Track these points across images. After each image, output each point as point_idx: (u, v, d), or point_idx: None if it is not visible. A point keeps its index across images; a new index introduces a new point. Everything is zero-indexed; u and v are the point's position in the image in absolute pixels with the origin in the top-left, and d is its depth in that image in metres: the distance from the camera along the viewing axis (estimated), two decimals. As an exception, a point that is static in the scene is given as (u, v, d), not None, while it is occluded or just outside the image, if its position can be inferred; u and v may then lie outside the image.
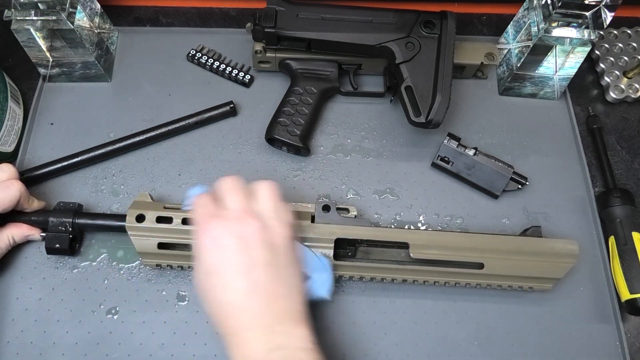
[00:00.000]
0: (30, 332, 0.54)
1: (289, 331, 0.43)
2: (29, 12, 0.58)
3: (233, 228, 0.45)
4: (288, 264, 0.46)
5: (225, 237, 0.44)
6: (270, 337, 0.42)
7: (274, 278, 0.44)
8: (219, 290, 0.44)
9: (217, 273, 0.44)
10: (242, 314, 0.43)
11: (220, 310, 0.44)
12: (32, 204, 0.55)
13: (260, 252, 0.44)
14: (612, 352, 0.56)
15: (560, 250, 0.54)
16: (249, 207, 0.46)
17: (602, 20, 0.58)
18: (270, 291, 0.44)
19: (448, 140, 0.63)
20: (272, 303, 0.43)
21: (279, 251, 0.45)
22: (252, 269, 0.44)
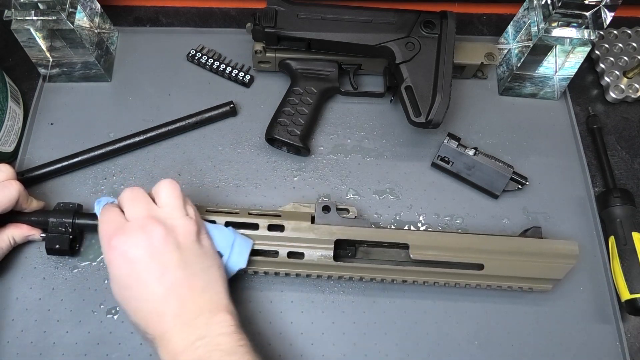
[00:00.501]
0: (30, 332, 0.54)
1: (209, 321, 0.44)
2: (29, 12, 0.58)
3: (138, 239, 0.45)
4: (199, 257, 0.47)
5: (132, 249, 0.45)
6: (191, 330, 0.43)
7: (188, 275, 0.45)
8: (137, 301, 0.45)
9: (132, 285, 0.45)
10: (162, 318, 0.44)
11: (142, 318, 0.45)
12: (31, 204, 0.55)
13: (169, 255, 0.45)
14: (612, 352, 0.56)
15: (560, 251, 0.54)
16: (150, 214, 0.47)
17: (602, 20, 0.58)
18: (185, 290, 0.45)
19: (448, 140, 0.63)
20: (188, 300, 0.45)
21: (187, 247, 0.46)
22: (164, 273, 0.45)
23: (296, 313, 0.56)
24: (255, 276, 0.57)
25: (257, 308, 0.56)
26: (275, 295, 0.57)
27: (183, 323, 0.44)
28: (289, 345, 0.55)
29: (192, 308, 0.44)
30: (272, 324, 0.56)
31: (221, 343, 0.43)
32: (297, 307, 0.56)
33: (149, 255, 0.45)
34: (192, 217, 0.48)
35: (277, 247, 0.53)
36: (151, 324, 0.44)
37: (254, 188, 0.63)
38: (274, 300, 0.57)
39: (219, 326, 0.44)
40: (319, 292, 0.57)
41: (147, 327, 0.45)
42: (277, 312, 0.56)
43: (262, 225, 0.53)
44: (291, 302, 0.57)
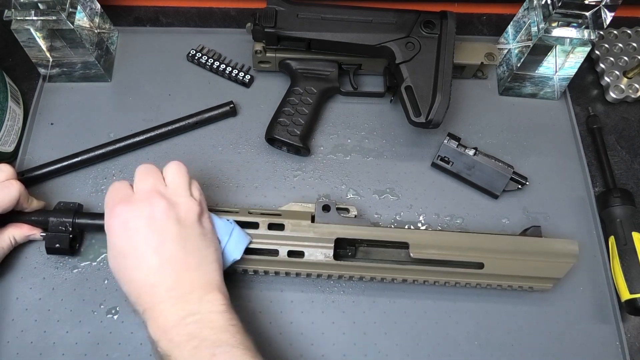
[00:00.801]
0: (30, 332, 0.54)
1: (201, 298, 0.45)
2: (29, 12, 0.58)
3: (141, 209, 0.46)
4: (198, 236, 0.47)
5: (133, 219, 0.46)
6: (183, 305, 0.44)
7: (185, 251, 0.46)
8: (132, 270, 0.46)
9: (129, 254, 0.46)
10: (155, 289, 0.45)
11: (135, 288, 0.45)
12: (32, 203, 0.55)
13: (169, 228, 0.46)
14: (612, 352, 0.56)
15: (560, 250, 0.54)
16: (156, 188, 0.48)
17: (602, 20, 0.58)
18: (181, 264, 0.45)
19: (448, 140, 0.63)
20: (183, 275, 0.45)
21: (187, 225, 0.47)
22: (161, 245, 0.45)
23: (296, 313, 0.56)
24: (256, 276, 0.57)
25: (257, 308, 0.56)
26: (275, 295, 0.57)
27: (175, 297, 0.44)
28: (289, 345, 0.55)
29: (185, 283, 0.45)
30: (272, 324, 0.55)
31: (213, 320, 0.44)
32: (297, 307, 0.56)
33: (148, 227, 0.45)
34: (196, 198, 0.49)
35: (277, 246, 0.53)
36: (143, 295, 0.45)
37: (254, 188, 0.63)
38: (274, 300, 0.57)
39: (211, 304, 0.45)
40: (319, 292, 0.57)
41: (138, 297, 0.45)
42: (277, 312, 0.56)
43: (262, 224, 0.53)
44: (291, 302, 0.57)
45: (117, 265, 0.47)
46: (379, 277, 0.55)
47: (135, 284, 0.45)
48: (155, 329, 0.44)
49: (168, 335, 0.43)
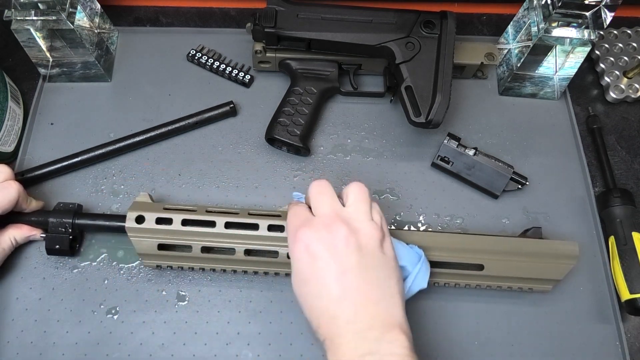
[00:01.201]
0: (30, 332, 0.54)
1: (382, 336, 0.42)
2: (29, 12, 0.58)
3: (321, 235, 0.44)
4: (379, 265, 0.45)
5: (314, 245, 0.44)
6: (361, 342, 0.41)
7: (365, 282, 0.44)
8: (313, 298, 0.44)
9: (309, 281, 0.44)
10: (334, 321, 0.43)
11: (316, 317, 0.44)
12: (31, 204, 0.55)
13: (350, 258, 0.44)
14: (612, 352, 0.56)
15: (560, 251, 0.54)
16: (336, 212, 0.46)
17: (602, 20, 0.58)
18: (361, 296, 0.43)
19: (448, 140, 0.63)
20: (363, 308, 0.43)
21: (369, 253, 0.45)
22: (342, 274, 0.43)
23: (296, 313, 0.56)
24: (256, 276, 0.57)
25: (257, 308, 0.56)
26: (275, 295, 0.57)
27: (354, 331, 0.42)
28: (289, 345, 0.55)
29: (365, 317, 0.42)
30: (272, 324, 0.56)
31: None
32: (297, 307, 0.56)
33: (330, 253, 0.44)
34: (378, 223, 0.47)
35: (277, 248, 0.53)
36: (323, 324, 0.43)
37: (254, 188, 0.63)
38: (274, 300, 0.57)
39: (392, 345, 0.42)
40: (319, 292, 0.57)
41: (319, 326, 0.44)
42: (277, 312, 0.56)
43: (262, 225, 0.53)
44: (291, 302, 0.57)
45: (299, 290, 0.45)
46: (379, 277, 0.55)
47: (316, 313, 0.44)
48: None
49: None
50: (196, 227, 0.53)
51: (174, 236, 0.53)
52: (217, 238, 0.53)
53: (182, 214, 0.53)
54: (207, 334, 0.55)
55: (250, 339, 0.55)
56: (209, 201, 0.62)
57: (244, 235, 0.53)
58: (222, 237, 0.53)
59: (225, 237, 0.53)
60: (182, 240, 0.53)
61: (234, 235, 0.53)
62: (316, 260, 0.44)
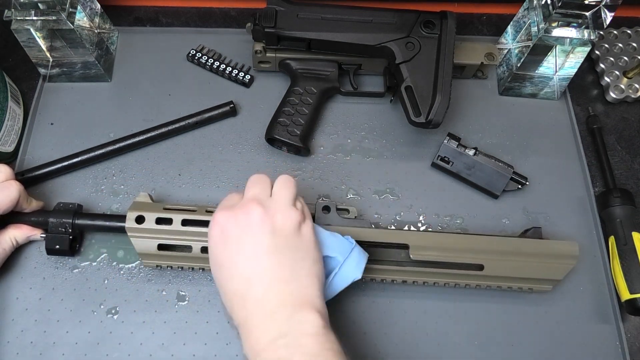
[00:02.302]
0: (30, 332, 0.54)
1: (291, 316, 0.42)
2: (29, 12, 0.58)
3: (238, 217, 0.45)
4: (294, 247, 0.45)
5: (228, 226, 0.45)
6: (271, 323, 0.42)
7: (277, 263, 0.44)
8: (226, 281, 0.45)
9: (223, 264, 0.45)
10: (244, 302, 0.43)
11: (228, 300, 0.44)
12: (31, 204, 0.55)
13: (263, 238, 0.44)
14: (612, 352, 0.56)
15: (560, 251, 0.54)
16: (257, 197, 0.46)
17: (602, 20, 0.58)
18: (271, 276, 0.43)
19: (448, 140, 0.63)
20: (272, 288, 0.43)
21: (283, 235, 0.45)
22: (254, 255, 0.44)
23: (296, 313, 0.56)
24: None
25: (257, 308, 0.56)
26: (275, 295, 0.57)
27: (264, 313, 0.42)
28: (289, 345, 0.55)
29: (273, 296, 0.42)
30: (272, 324, 0.55)
31: (305, 345, 0.40)
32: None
33: (243, 235, 0.44)
34: (298, 209, 0.47)
35: None
36: (235, 307, 0.44)
37: (254, 188, 0.63)
38: (274, 300, 0.57)
39: (302, 325, 0.41)
40: (319, 292, 0.57)
41: (232, 310, 0.44)
42: (277, 312, 0.56)
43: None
44: (291, 302, 0.57)
45: (216, 276, 0.46)
46: (379, 278, 0.55)
47: (229, 295, 0.44)
48: (248, 348, 0.42)
49: (259, 357, 0.41)
50: (196, 227, 0.53)
51: (174, 236, 0.53)
52: (217, 238, 0.53)
53: (182, 214, 0.53)
54: (207, 334, 0.55)
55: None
56: (209, 201, 0.62)
57: None
58: (222, 237, 0.53)
59: (225, 237, 0.53)
60: (182, 241, 0.53)
61: (234, 235, 0.53)
62: (229, 242, 0.44)
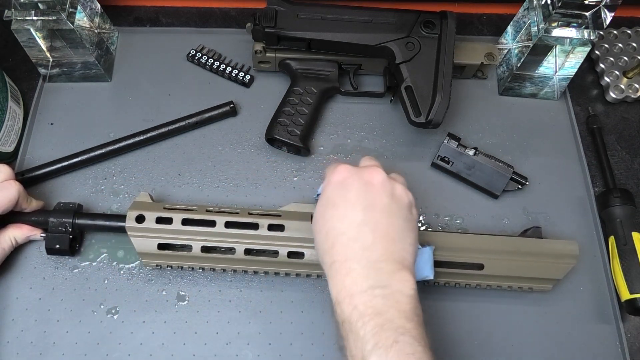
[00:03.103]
0: (30, 332, 0.54)
1: (393, 273, 0.43)
2: (29, 12, 0.58)
3: (361, 173, 0.47)
4: (404, 217, 0.46)
5: (351, 178, 0.46)
6: (373, 272, 0.42)
7: (388, 222, 0.45)
8: (335, 220, 0.45)
9: (337, 205, 0.46)
10: (352, 243, 0.44)
11: (332, 236, 0.45)
12: (31, 203, 0.55)
13: (381, 197, 0.46)
14: (612, 352, 0.56)
15: (560, 251, 0.54)
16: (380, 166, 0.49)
17: (602, 20, 0.58)
18: (382, 231, 0.44)
19: (448, 140, 0.63)
20: (381, 241, 0.44)
21: (398, 203, 0.47)
22: (370, 207, 0.45)
23: (296, 313, 0.56)
24: (255, 276, 0.57)
25: (257, 308, 0.56)
26: (275, 295, 0.57)
27: (368, 259, 0.43)
28: (289, 345, 0.55)
29: (381, 249, 0.44)
30: (272, 324, 0.56)
31: (400, 302, 0.41)
32: (297, 307, 0.56)
33: (364, 188, 0.46)
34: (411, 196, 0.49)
35: (277, 247, 0.53)
36: (338, 245, 0.44)
37: (254, 188, 0.63)
38: (274, 300, 0.57)
39: (402, 284, 0.42)
40: (319, 292, 0.57)
41: (332, 247, 0.44)
42: (277, 312, 0.56)
43: (262, 225, 0.53)
44: (291, 302, 0.57)
45: (322, 214, 0.46)
46: (379, 277, 0.55)
47: (334, 232, 0.45)
48: (340, 287, 0.42)
49: (353, 300, 0.41)
50: (196, 226, 0.53)
51: (174, 236, 0.53)
52: (217, 237, 0.53)
53: (182, 214, 0.53)
54: (207, 334, 0.55)
55: (250, 339, 0.55)
56: (209, 201, 0.62)
57: (244, 235, 0.53)
58: (222, 237, 0.53)
59: (225, 236, 0.53)
60: (182, 240, 0.53)
61: (234, 234, 0.53)
62: (349, 190, 0.46)
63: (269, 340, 0.55)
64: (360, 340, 0.39)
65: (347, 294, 0.42)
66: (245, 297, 0.56)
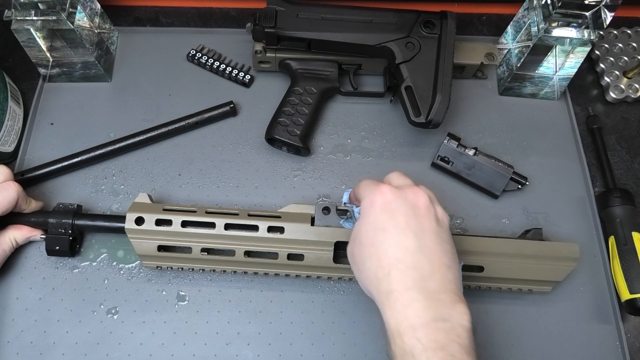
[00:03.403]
0: (30, 332, 0.54)
1: (453, 304, 0.41)
2: (29, 12, 0.58)
3: (405, 196, 0.45)
4: (449, 242, 0.45)
5: (397, 201, 0.45)
6: (434, 303, 0.41)
7: (442, 249, 0.44)
8: (388, 246, 0.43)
9: (387, 230, 0.44)
10: (411, 272, 0.42)
11: (388, 264, 0.43)
12: (30, 204, 0.55)
13: (430, 221, 0.44)
14: (612, 352, 0.56)
15: (560, 253, 0.54)
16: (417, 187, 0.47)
17: (602, 20, 0.58)
18: (436, 258, 0.43)
19: (448, 140, 0.63)
20: (439, 270, 0.43)
21: (444, 227, 0.45)
22: (421, 232, 0.44)
23: (296, 313, 0.56)
24: (256, 276, 0.57)
25: (257, 308, 0.56)
26: (275, 295, 0.57)
27: (429, 290, 0.41)
28: (289, 345, 0.55)
29: (439, 278, 0.42)
30: (272, 324, 0.56)
31: (461, 336, 0.40)
32: (297, 307, 0.56)
33: (412, 213, 0.44)
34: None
35: (277, 249, 0.53)
36: (395, 273, 0.42)
37: (254, 188, 0.63)
38: (274, 300, 0.57)
39: (460, 317, 0.41)
40: (319, 292, 0.57)
41: (388, 275, 0.42)
42: (277, 312, 0.56)
43: (262, 227, 0.53)
44: (291, 302, 0.57)
45: (372, 240, 0.44)
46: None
47: (389, 260, 0.43)
48: (401, 318, 0.41)
49: (416, 333, 0.40)
50: (196, 228, 0.53)
51: (173, 237, 0.53)
52: (216, 239, 0.53)
53: (182, 215, 0.53)
54: (207, 334, 0.55)
55: (250, 339, 0.55)
56: (209, 201, 0.62)
57: (243, 237, 0.53)
58: (221, 239, 0.53)
59: (225, 238, 0.53)
60: (181, 242, 0.53)
61: (234, 236, 0.53)
62: (397, 214, 0.44)
63: (269, 340, 0.55)
64: None
65: (409, 326, 0.40)
66: (245, 297, 0.56)
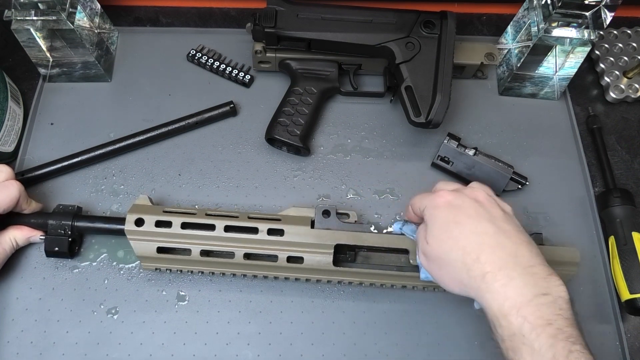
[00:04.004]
0: (30, 332, 0.54)
1: (547, 276, 0.41)
2: (29, 12, 0.58)
3: (463, 192, 0.47)
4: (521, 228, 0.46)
5: (458, 199, 0.46)
6: (531, 278, 0.41)
7: (516, 228, 0.44)
8: (469, 233, 0.44)
9: (460, 222, 0.45)
10: (498, 252, 0.42)
11: (474, 251, 0.43)
12: (31, 205, 0.55)
13: (495, 210, 0.46)
14: (612, 352, 0.56)
15: (561, 258, 0.54)
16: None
17: (602, 20, 0.58)
18: (515, 236, 0.43)
19: (448, 140, 0.63)
20: (522, 244, 0.43)
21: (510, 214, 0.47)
22: (492, 219, 0.44)
23: (296, 313, 0.56)
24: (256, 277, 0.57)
25: (257, 308, 0.56)
26: (275, 295, 0.57)
27: (521, 266, 0.41)
28: (289, 345, 0.55)
29: (527, 253, 0.42)
30: (272, 324, 0.56)
31: (564, 309, 0.40)
32: (297, 307, 0.56)
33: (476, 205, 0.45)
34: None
35: (276, 252, 0.53)
36: (484, 255, 0.42)
37: (254, 188, 0.63)
38: (274, 300, 0.57)
39: (559, 289, 0.40)
40: (319, 293, 0.57)
41: (477, 260, 0.42)
42: (277, 312, 0.56)
43: (262, 229, 0.53)
44: (291, 302, 0.57)
45: (449, 234, 0.44)
46: (379, 283, 0.55)
47: (473, 245, 0.43)
48: (502, 299, 0.40)
49: (521, 311, 0.39)
50: (195, 230, 0.53)
51: (173, 239, 0.53)
52: (216, 242, 0.53)
53: (182, 217, 0.53)
54: (207, 334, 0.55)
55: (250, 339, 0.55)
56: (209, 201, 0.62)
57: (243, 239, 0.53)
58: (221, 241, 0.53)
59: (224, 240, 0.53)
60: (181, 244, 0.53)
61: (234, 239, 0.53)
62: (463, 208, 0.45)
63: (269, 340, 0.55)
64: (536, 353, 0.38)
65: (513, 306, 0.40)
66: (245, 298, 0.56)
